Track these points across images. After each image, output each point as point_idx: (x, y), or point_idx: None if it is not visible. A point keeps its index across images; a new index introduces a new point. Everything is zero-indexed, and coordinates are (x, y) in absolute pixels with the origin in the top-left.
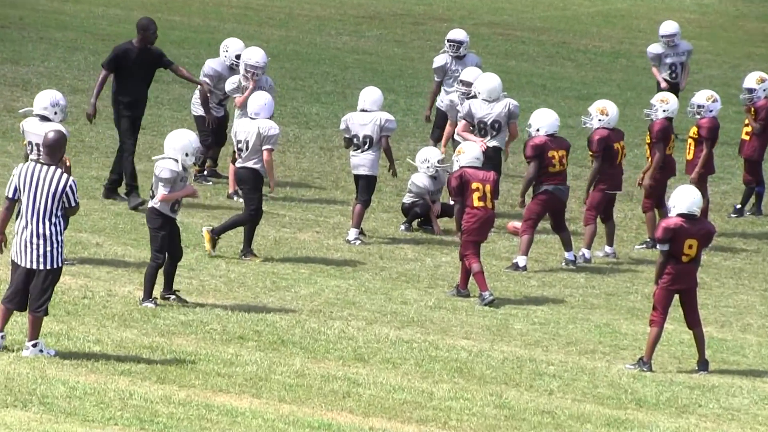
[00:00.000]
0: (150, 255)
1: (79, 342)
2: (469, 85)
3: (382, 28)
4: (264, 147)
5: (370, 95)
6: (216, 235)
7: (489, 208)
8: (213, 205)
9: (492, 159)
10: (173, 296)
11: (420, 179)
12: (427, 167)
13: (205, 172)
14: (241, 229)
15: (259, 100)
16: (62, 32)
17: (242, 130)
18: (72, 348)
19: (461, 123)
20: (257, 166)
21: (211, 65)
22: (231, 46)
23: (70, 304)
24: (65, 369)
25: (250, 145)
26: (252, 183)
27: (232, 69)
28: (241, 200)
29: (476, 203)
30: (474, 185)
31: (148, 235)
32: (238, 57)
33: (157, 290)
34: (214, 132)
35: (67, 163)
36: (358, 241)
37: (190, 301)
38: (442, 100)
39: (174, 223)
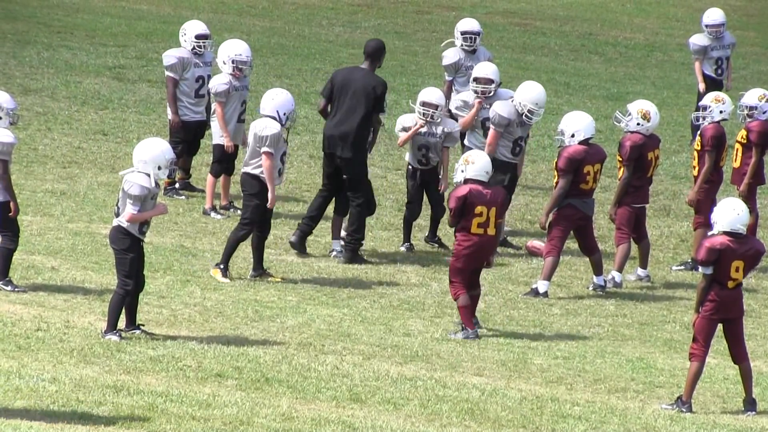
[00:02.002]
0: (113, 281)
1: (32, 381)
2: (488, 82)
3: (381, 18)
4: (262, 150)
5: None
6: (224, 265)
7: (490, 234)
8: (186, 222)
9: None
10: (138, 332)
11: (403, 119)
12: (416, 111)
13: (177, 185)
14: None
15: (268, 96)
16: (11, 23)
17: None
18: (24, 388)
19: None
20: (257, 172)
21: (172, 54)
22: (189, 28)
23: (21, 337)
24: (15, 413)
25: (249, 147)
26: (250, 189)
27: (197, 53)
28: (218, 216)
29: (474, 229)
30: (477, 209)
31: (111, 257)
32: (198, 38)
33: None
34: (187, 139)
35: None
36: (334, 253)
37: (159, 334)
38: (453, 101)
39: (141, 246)
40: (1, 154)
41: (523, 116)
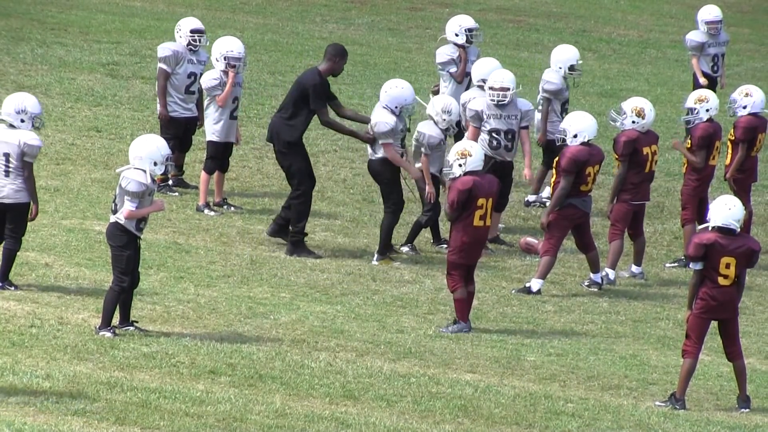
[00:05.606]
0: (107, 277)
1: (26, 377)
2: (503, 90)
3: (374, 15)
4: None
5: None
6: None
7: (487, 225)
8: (179, 219)
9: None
10: (132, 328)
11: (431, 128)
12: (443, 119)
13: (170, 182)
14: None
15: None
16: (4, 20)
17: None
18: (18, 384)
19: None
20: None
21: (167, 46)
22: (184, 24)
23: (15, 333)
24: (10, 408)
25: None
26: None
27: (192, 49)
28: (212, 213)
29: (476, 222)
30: (479, 201)
31: (105, 254)
32: (193, 32)
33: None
34: (177, 135)
35: None
36: None
37: (153, 331)
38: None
39: (137, 243)
40: (29, 156)
41: (565, 76)
